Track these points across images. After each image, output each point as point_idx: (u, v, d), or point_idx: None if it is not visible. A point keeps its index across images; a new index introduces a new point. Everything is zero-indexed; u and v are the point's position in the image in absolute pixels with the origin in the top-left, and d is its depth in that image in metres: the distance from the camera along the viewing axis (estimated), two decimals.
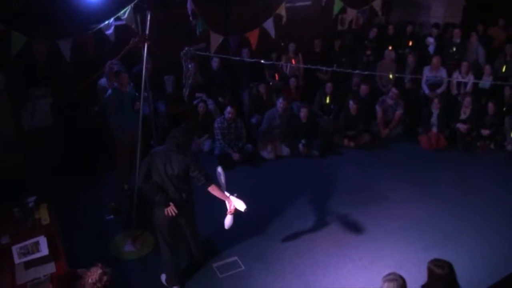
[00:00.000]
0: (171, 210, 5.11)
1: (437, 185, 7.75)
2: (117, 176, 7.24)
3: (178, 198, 5.19)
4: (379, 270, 5.74)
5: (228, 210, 5.32)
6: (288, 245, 6.24)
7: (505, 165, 8.46)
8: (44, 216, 5.41)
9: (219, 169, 5.59)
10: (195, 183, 5.21)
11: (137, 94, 6.79)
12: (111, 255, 5.98)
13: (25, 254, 4.73)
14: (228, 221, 5.36)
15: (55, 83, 7.77)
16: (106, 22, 6.11)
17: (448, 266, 3.93)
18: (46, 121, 7.65)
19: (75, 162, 7.54)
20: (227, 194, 5.33)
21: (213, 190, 5.17)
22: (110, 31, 6.29)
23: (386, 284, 3.77)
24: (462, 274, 4.13)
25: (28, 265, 4.65)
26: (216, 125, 8.22)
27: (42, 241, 4.88)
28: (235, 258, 6.01)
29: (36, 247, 4.81)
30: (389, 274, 3.86)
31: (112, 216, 6.69)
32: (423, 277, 4.07)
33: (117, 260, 5.89)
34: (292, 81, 9.63)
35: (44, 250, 4.78)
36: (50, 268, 4.64)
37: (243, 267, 5.87)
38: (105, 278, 3.76)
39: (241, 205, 5.24)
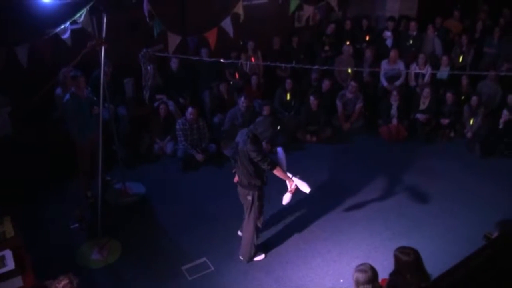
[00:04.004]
0: (236, 178, 5.72)
1: (400, 174, 7.90)
2: (80, 183, 7.13)
3: (242, 177, 5.54)
4: (348, 261, 5.84)
5: (289, 190, 5.62)
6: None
7: (465, 151, 8.69)
8: (8, 229, 5.23)
9: (280, 151, 5.79)
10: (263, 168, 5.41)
11: (95, 98, 6.69)
12: (78, 265, 5.87)
13: None
14: (286, 198, 5.66)
15: (13, 91, 7.58)
16: (62, 26, 5.99)
17: (414, 253, 4.01)
18: (5, 129, 7.48)
19: (36, 171, 7.37)
20: (289, 175, 5.57)
21: (277, 172, 5.42)
22: (66, 35, 6.17)
23: (356, 274, 3.83)
24: (429, 260, 4.20)
25: None
26: (177, 127, 8.14)
27: (8, 255, 4.73)
28: (204, 259, 5.97)
29: (1, 261, 4.66)
30: (361, 265, 3.91)
31: (77, 225, 6.56)
32: (390, 265, 4.14)
33: (85, 269, 5.79)
34: (254, 79, 9.63)
35: (10, 264, 4.64)
36: (17, 282, 4.52)
37: (212, 268, 5.84)
38: (68, 286, 3.72)
39: (305, 188, 5.55)
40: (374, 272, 3.84)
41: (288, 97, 9.48)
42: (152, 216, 6.93)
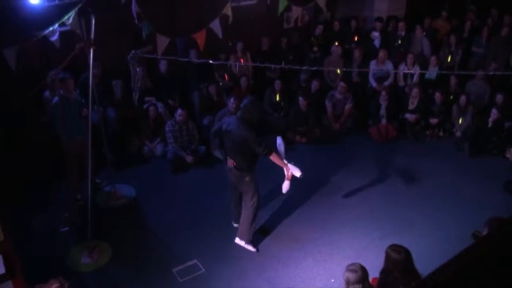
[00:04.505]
0: (230, 162, 5.79)
1: (390, 174, 7.93)
2: (68, 186, 7.09)
3: (240, 161, 5.71)
4: (338, 261, 5.85)
5: (286, 176, 5.75)
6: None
7: (454, 151, 8.75)
8: None
9: (279, 140, 5.93)
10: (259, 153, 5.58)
11: (83, 100, 6.66)
12: (69, 268, 5.83)
13: None
14: (285, 186, 5.81)
15: (0, 94, 7.52)
16: (51, 28, 5.95)
17: (404, 251, 4.01)
18: None
19: (24, 174, 7.31)
20: (285, 162, 5.72)
21: (273, 158, 5.58)
22: (55, 38, 6.14)
23: (346, 274, 3.84)
24: (419, 258, 4.21)
25: None
26: (167, 129, 8.11)
27: None
28: (195, 261, 5.95)
29: None
30: (351, 265, 3.91)
31: (67, 228, 6.53)
32: (381, 264, 4.15)
33: (75, 273, 5.74)
34: (244, 80, 9.63)
35: (1, 269, 4.60)
36: (7, 287, 4.47)
37: (203, 270, 5.82)
38: None
39: (297, 172, 5.70)
40: (364, 272, 3.85)
41: (278, 98, 9.48)
42: (142, 218, 6.91)
